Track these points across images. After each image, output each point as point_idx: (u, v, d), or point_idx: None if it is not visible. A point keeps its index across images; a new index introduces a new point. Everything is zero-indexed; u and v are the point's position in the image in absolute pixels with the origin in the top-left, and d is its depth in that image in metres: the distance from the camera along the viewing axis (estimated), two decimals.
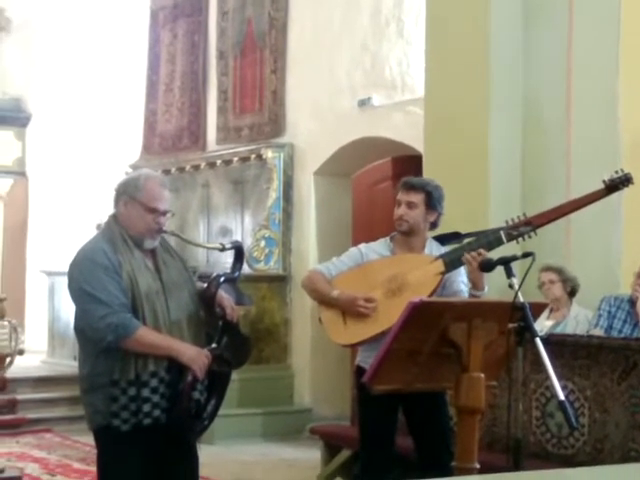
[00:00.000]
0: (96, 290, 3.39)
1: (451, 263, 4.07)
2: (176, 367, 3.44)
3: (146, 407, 3.40)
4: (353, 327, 4.11)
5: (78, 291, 3.45)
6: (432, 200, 4.19)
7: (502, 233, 4.06)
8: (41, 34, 11.82)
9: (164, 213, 3.54)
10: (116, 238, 3.49)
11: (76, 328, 3.54)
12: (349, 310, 4.10)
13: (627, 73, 5.98)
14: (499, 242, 4.07)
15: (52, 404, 8.49)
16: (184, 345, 3.46)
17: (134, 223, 3.51)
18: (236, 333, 3.60)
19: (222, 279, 3.55)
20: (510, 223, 4.11)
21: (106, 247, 3.46)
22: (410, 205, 4.18)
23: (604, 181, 4.12)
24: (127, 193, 3.54)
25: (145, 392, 3.39)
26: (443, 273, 4.07)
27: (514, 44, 6.26)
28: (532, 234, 4.10)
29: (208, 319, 3.58)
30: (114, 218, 3.58)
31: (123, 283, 3.41)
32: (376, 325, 4.05)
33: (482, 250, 3.99)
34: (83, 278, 3.43)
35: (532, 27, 6.26)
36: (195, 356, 3.44)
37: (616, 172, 4.10)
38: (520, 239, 4.12)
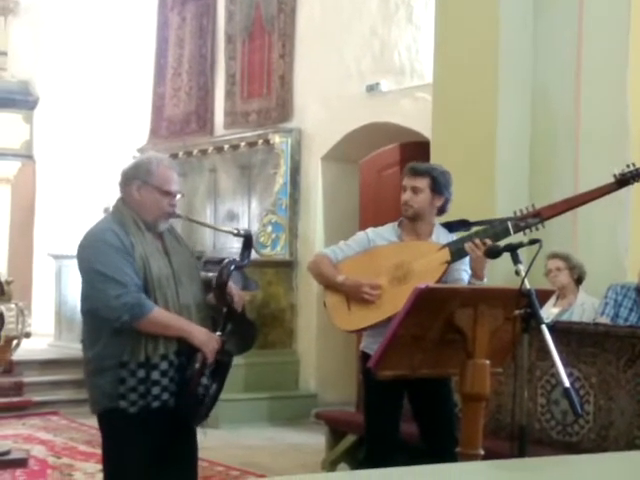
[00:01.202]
0: (109, 270, 3.38)
1: (457, 252, 4.05)
2: (185, 351, 3.45)
3: (155, 390, 3.40)
4: (357, 313, 4.10)
5: (90, 271, 3.44)
6: (438, 185, 4.16)
7: (510, 224, 4.04)
8: (49, 17, 11.80)
9: (176, 195, 3.56)
10: (127, 220, 3.49)
11: (84, 309, 3.52)
12: (354, 296, 4.09)
13: (637, 63, 5.94)
14: (506, 233, 4.05)
15: (58, 387, 8.52)
16: (197, 328, 3.47)
17: (148, 207, 3.51)
18: (242, 319, 3.60)
19: (233, 267, 3.53)
20: (518, 214, 4.09)
21: (117, 229, 3.46)
22: (415, 190, 4.16)
23: (615, 175, 4.09)
24: (139, 177, 3.53)
25: (155, 375, 3.39)
26: (449, 262, 4.06)
27: (524, 31, 6.23)
28: (540, 226, 4.09)
29: (217, 305, 3.57)
30: (122, 201, 3.57)
31: (136, 265, 3.42)
32: (380, 312, 4.05)
33: (488, 240, 3.98)
34: (95, 259, 3.42)
35: (542, 14, 6.23)
36: (206, 339, 3.45)
37: (627, 166, 4.08)
38: (528, 230, 4.10)
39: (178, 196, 3.57)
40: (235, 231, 3.65)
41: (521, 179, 6.15)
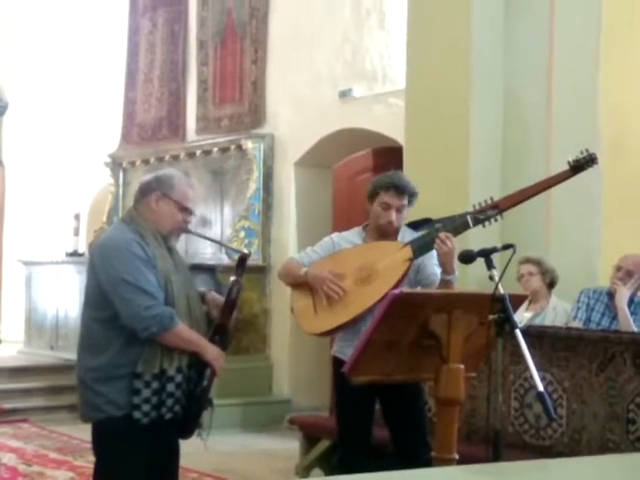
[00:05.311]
0: (139, 281, 3.39)
1: (419, 249, 4.09)
2: (195, 364, 3.51)
3: (169, 402, 3.43)
4: (323, 315, 4.12)
5: (117, 281, 3.40)
6: (413, 200, 4.25)
7: (468, 217, 4.07)
8: (18, 22, 11.72)
9: (191, 212, 3.62)
10: (146, 232, 3.50)
11: (98, 317, 3.48)
12: (318, 286, 4.08)
13: (608, 67, 6.00)
14: (465, 226, 4.08)
15: (29, 394, 8.45)
16: (210, 344, 3.56)
17: (164, 220, 3.54)
18: (227, 332, 3.67)
19: (240, 286, 3.63)
20: (477, 207, 4.11)
21: (139, 240, 3.46)
22: (400, 209, 4.21)
23: (569, 162, 4.11)
24: (161, 190, 3.55)
25: (170, 387, 3.43)
26: (411, 260, 4.09)
27: (496, 36, 6.27)
28: (499, 217, 4.11)
29: (220, 320, 3.64)
30: (137, 212, 3.58)
31: (159, 277, 3.44)
32: (346, 312, 4.07)
33: (449, 234, 4.01)
34: (123, 268, 3.40)
35: (514, 19, 6.27)
36: (218, 355, 3.55)
37: (581, 152, 4.11)
38: (487, 222, 4.10)
39: (193, 215, 3.64)
40: (246, 252, 3.78)
41: (493, 183, 6.16)
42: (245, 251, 3.80)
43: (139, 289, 3.39)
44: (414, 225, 4.29)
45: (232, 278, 3.66)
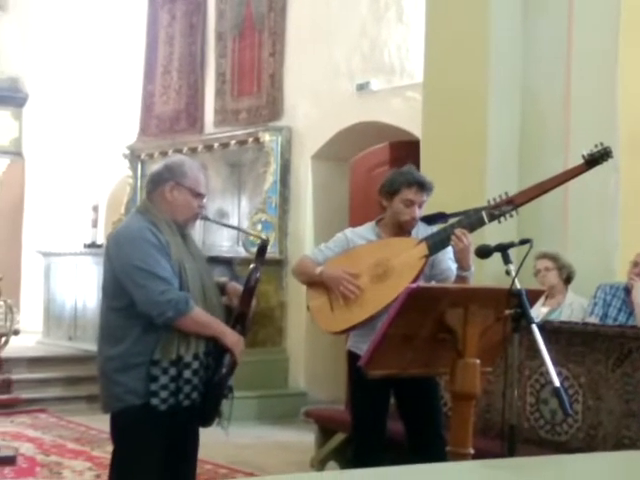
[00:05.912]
0: (152, 267, 3.41)
1: (434, 246, 4.07)
2: (212, 351, 3.51)
3: (187, 388, 3.44)
4: (340, 314, 4.11)
5: (130, 268, 3.43)
6: (430, 195, 4.23)
7: (484, 213, 4.05)
8: (38, 13, 11.76)
9: (204, 197, 3.64)
10: (159, 221, 3.52)
11: (116, 306, 3.50)
12: (334, 287, 4.08)
13: (626, 64, 5.97)
14: (481, 223, 4.06)
15: (47, 384, 8.51)
16: (228, 329, 3.55)
17: (180, 208, 3.56)
18: (246, 322, 3.68)
19: (259, 273, 3.64)
20: (492, 203, 4.10)
21: (152, 227, 3.49)
22: (422, 205, 4.21)
23: (583, 156, 4.09)
24: (174, 179, 3.57)
25: (187, 373, 3.44)
26: (427, 256, 4.07)
27: (514, 30, 6.25)
28: (514, 212, 4.09)
29: (240, 309, 3.64)
30: (151, 202, 3.60)
31: (173, 264, 3.46)
32: (363, 311, 4.06)
33: (465, 231, 4.00)
34: (136, 255, 3.43)
35: (532, 13, 6.25)
36: (238, 341, 3.55)
37: (595, 146, 4.09)
38: (502, 218, 4.10)
39: (205, 199, 3.65)
40: (264, 237, 3.78)
41: (511, 178, 6.15)
42: (264, 236, 3.80)
43: (153, 275, 3.40)
44: (428, 219, 4.28)
45: (252, 265, 3.66)
